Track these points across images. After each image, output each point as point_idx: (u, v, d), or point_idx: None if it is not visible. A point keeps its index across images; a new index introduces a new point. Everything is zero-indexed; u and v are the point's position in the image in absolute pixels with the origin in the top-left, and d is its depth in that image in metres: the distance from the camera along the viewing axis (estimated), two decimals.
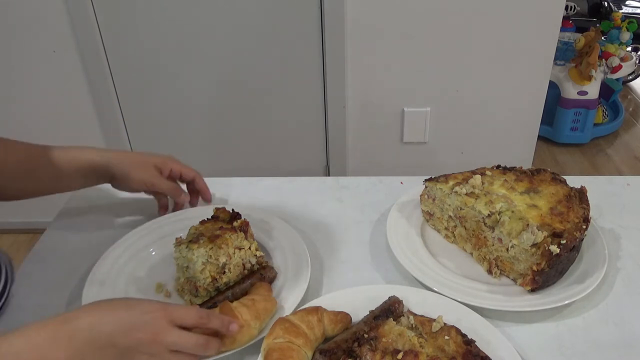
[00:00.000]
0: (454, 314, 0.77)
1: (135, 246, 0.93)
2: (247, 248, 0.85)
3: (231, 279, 0.84)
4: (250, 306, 0.76)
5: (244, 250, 0.85)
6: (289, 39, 1.99)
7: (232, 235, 0.83)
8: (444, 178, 0.95)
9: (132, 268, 0.89)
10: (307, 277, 0.84)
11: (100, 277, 0.86)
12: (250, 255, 0.86)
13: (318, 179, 1.16)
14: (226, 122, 2.18)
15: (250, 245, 0.86)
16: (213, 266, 0.81)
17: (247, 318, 0.74)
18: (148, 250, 0.93)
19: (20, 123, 2.14)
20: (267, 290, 0.81)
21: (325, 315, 0.74)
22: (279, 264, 0.89)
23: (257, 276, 0.84)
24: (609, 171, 2.88)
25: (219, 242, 0.82)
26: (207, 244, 0.81)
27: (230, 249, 0.83)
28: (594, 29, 2.80)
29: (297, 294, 0.81)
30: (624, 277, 0.88)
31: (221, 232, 0.84)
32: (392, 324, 0.72)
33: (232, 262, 0.83)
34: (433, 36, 1.94)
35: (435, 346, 0.70)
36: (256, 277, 0.83)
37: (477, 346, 0.71)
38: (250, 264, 0.86)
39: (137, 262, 0.90)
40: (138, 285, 0.87)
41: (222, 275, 0.83)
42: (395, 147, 2.19)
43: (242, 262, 0.85)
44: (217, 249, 0.81)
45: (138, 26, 1.97)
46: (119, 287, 0.85)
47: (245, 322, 0.73)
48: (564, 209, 0.86)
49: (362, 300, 0.78)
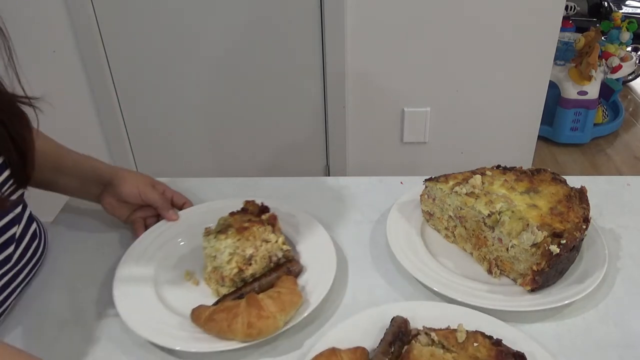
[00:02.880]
0: (467, 319, 0.76)
1: (164, 236, 0.96)
2: (274, 241, 0.87)
3: (257, 270, 0.85)
4: (276, 298, 0.77)
5: (271, 243, 0.86)
6: (289, 39, 1.99)
7: (260, 228, 0.85)
8: (444, 178, 0.95)
9: (162, 257, 0.92)
10: (332, 272, 0.85)
11: (130, 266, 0.89)
12: (276, 249, 0.87)
13: (318, 179, 1.16)
14: (226, 122, 2.18)
15: (278, 239, 0.87)
16: (240, 257, 0.83)
17: (273, 310, 0.75)
18: (176, 240, 0.96)
19: None
20: (293, 283, 0.81)
21: (344, 355, 0.71)
22: (305, 259, 0.90)
23: (284, 269, 0.85)
24: (609, 171, 2.89)
25: (247, 234, 0.84)
26: (234, 235, 0.83)
27: (258, 241, 0.84)
28: (594, 29, 2.80)
29: (322, 289, 0.82)
30: (624, 277, 0.88)
31: (249, 225, 0.85)
32: (419, 346, 0.70)
33: (259, 255, 0.85)
34: (433, 36, 1.94)
35: (468, 356, 0.69)
36: (282, 271, 0.84)
37: (506, 345, 0.71)
38: (276, 257, 0.87)
39: (167, 251, 0.93)
40: (167, 273, 0.90)
41: (248, 267, 0.84)
42: (395, 147, 2.19)
43: (269, 254, 0.86)
44: (244, 241, 0.83)
45: (138, 26, 1.97)
46: (148, 275, 0.88)
47: (270, 314, 0.75)
48: (564, 209, 0.86)
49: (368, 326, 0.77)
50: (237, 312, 0.75)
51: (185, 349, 0.75)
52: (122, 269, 0.88)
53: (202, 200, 1.09)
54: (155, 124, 2.18)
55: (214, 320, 0.75)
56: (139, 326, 0.77)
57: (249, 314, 0.74)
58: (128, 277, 0.87)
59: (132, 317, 0.79)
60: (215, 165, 2.27)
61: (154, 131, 2.20)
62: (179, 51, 2.02)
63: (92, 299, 0.87)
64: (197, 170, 2.26)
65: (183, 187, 1.15)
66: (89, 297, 0.87)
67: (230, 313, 0.75)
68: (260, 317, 0.74)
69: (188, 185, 1.15)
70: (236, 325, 0.74)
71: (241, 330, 0.74)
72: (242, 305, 0.76)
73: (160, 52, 2.02)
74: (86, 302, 0.87)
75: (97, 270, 0.93)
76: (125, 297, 0.83)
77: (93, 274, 0.92)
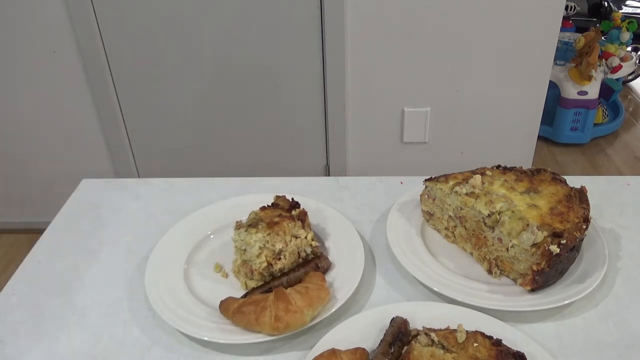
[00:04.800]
0: (467, 319, 0.76)
1: (195, 229, 0.98)
2: (304, 237, 0.88)
3: (286, 265, 0.86)
4: (304, 294, 0.78)
5: (300, 239, 0.88)
6: (289, 39, 1.99)
7: (290, 224, 0.87)
8: (444, 178, 0.95)
9: (192, 249, 0.94)
10: (360, 269, 0.86)
11: (161, 257, 0.91)
12: (306, 245, 0.88)
13: (318, 179, 1.16)
14: (226, 122, 2.18)
15: (307, 235, 0.89)
16: (269, 251, 0.84)
17: (301, 305, 0.76)
18: (207, 233, 0.98)
19: (20, 123, 2.14)
20: (320, 279, 0.82)
21: (344, 356, 0.72)
22: (333, 255, 0.91)
23: (312, 265, 0.86)
24: (609, 171, 2.88)
25: (277, 228, 0.85)
26: (265, 230, 0.85)
27: (287, 236, 0.86)
28: (594, 29, 2.80)
29: (350, 286, 0.83)
30: (624, 277, 0.88)
31: (280, 220, 0.87)
32: (419, 347, 0.71)
33: (288, 250, 0.86)
34: (433, 36, 1.94)
35: (468, 356, 0.69)
36: (311, 267, 0.85)
37: (505, 345, 0.71)
38: (305, 253, 0.89)
39: (197, 244, 0.96)
40: (198, 265, 0.92)
41: (277, 261, 0.85)
42: (395, 147, 2.19)
43: (298, 250, 0.88)
44: (274, 235, 0.85)
45: (138, 26, 1.97)
46: (179, 267, 0.90)
47: (298, 309, 0.76)
48: (564, 209, 0.86)
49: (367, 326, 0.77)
50: (265, 305, 0.76)
51: (213, 340, 0.77)
52: (153, 260, 0.90)
53: (202, 200, 1.09)
54: (155, 124, 2.18)
55: (242, 312, 0.77)
56: (169, 315, 0.80)
57: (277, 307, 0.76)
58: (159, 268, 0.89)
59: (162, 307, 0.81)
60: (215, 165, 2.27)
61: (154, 131, 2.20)
62: (179, 51, 2.02)
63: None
64: (197, 170, 2.26)
65: (183, 187, 1.15)
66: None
67: (259, 306, 0.76)
68: (288, 311, 0.75)
69: (188, 185, 1.16)
70: (264, 318, 0.75)
71: (269, 323, 0.75)
72: (271, 299, 0.77)
73: (160, 52, 2.02)
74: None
75: (98, 269, 0.93)
76: (156, 287, 0.85)
77: (94, 273, 0.93)
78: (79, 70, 2.04)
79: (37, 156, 2.23)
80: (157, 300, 0.83)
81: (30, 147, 2.21)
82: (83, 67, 2.03)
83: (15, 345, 0.79)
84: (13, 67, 2.02)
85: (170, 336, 0.80)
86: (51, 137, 2.18)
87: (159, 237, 0.96)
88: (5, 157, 2.24)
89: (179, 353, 0.78)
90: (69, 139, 2.19)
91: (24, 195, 2.32)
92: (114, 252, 0.97)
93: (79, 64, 2.02)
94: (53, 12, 1.92)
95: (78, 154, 2.22)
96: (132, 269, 0.93)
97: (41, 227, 1.05)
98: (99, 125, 2.16)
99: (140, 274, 0.90)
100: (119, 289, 0.89)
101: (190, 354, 0.78)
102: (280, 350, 0.78)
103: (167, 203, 1.10)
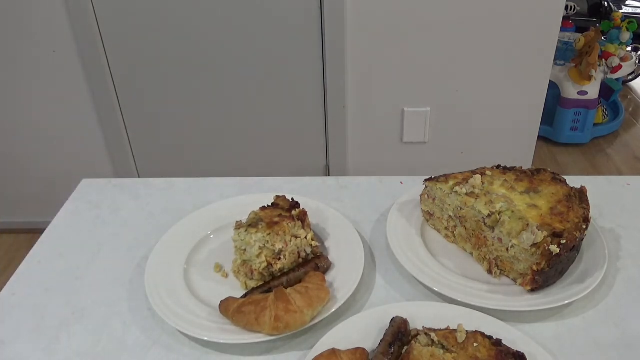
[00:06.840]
0: (467, 319, 0.76)
1: (195, 228, 0.98)
2: (304, 237, 0.88)
3: (286, 265, 0.86)
4: (304, 294, 0.78)
5: (300, 239, 0.88)
6: (289, 39, 1.99)
7: (290, 224, 0.87)
8: (444, 178, 0.95)
9: (192, 249, 0.94)
10: (360, 269, 0.86)
11: (161, 257, 0.91)
12: (306, 245, 0.88)
13: (318, 179, 1.16)
14: (226, 122, 2.18)
15: (307, 235, 0.89)
16: (269, 251, 0.84)
17: (301, 305, 0.76)
18: (207, 233, 0.98)
19: (21, 123, 2.14)
20: (320, 279, 0.82)
21: (344, 356, 0.72)
22: (333, 255, 0.91)
23: (312, 265, 0.86)
24: (609, 171, 2.88)
25: (277, 228, 0.85)
26: (265, 230, 0.85)
27: (287, 236, 0.86)
28: (594, 29, 2.80)
29: (350, 286, 0.83)
30: (624, 277, 0.88)
31: (279, 220, 0.87)
32: (419, 347, 0.71)
33: (288, 250, 0.86)
34: (433, 36, 1.94)
35: (468, 356, 0.69)
36: (311, 267, 0.85)
37: (505, 345, 0.71)
38: (305, 253, 0.89)
39: (197, 244, 0.96)
40: (197, 265, 0.92)
41: (277, 261, 0.85)
42: (395, 147, 2.19)
43: (298, 250, 0.88)
44: (274, 235, 0.85)
45: (138, 26, 1.97)
46: (179, 266, 0.90)
47: (298, 309, 0.76)
48: (564, 209, 0.86)
49: (367, 327, 0.77)
50: (265, 305, 0.76)
51: (213, 340, 0.77)
52: (153, 260, 0.90)
53: (202, 200, 1.09)
54: (155, 124, 2.18)
55: (242, 312, 0.77)
56: (169, 315, 0.80)
57: (277, 307, 0.76)
58: (159, 267, 0.89)
59: (162, 307, 0.81)
60: (215, 165, 2.27)
61: (154, 131, 2.20)
62: (179, 51, 2.02)
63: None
64: (197, 170, 2.26)
65: (183, 187, 1.15)
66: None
67: (259, 306, 0.76)
68: (288, 311, 0.75)
69: (188, 185, 1.16)
70: (264, 318, 0.75)
71: (269, 323, 0.75)
72: (271, 299, 0.77)
73: (160, 51, 2.02)
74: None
75: (98, 269, 0.93)
76: (156, 287, 0.85)
77: (94, 273, 0.93)
78: (79, 70, 2.04)
79: (37, 156, 2.23)
80: (157, 300, 0.83)
81: (30, 147, 2.21)
82: (83, 67, 2.03)
83: (15, 345, 0.79)
84: (13, 67, 2.02)
85: (170, 336, 0.80)
86: (51, 137, 2.18)
87: (159, 237, 0.96)
88: (5, 157, 2.24)
89: (179, 353, 0.78)
90: (69, 139, 2.19)
91: (24, 195, 2.32)
92: (114, 252, 0.97)
93: (79, 63, 2.02)
94: (53, 12, 1.92)
95: (78, 154, 2.22)
96: (132, 269, 0.93)
97: (41, 227, 1.05)
98: (99, 125, 2.16)
99: (140, 274, 0.90)
100: (119, 289, 0.89)
101: (190, 354, 0.78)
102: (280, 350, 0.78)
103: (167, 203, 1.10)
